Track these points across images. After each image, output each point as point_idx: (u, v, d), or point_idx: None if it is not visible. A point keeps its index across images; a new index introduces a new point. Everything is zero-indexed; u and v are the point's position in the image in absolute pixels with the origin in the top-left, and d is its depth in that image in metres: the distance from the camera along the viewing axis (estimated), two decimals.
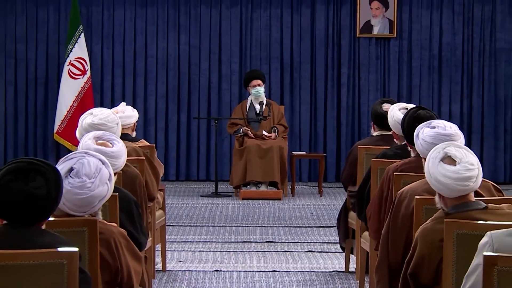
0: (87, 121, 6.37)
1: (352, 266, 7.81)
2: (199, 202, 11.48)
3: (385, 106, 7.95)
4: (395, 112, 7.10)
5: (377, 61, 12.91)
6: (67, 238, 3.99)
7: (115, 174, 5.26)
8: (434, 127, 5.56)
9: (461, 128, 5.72)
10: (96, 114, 6.46)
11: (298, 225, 10.06)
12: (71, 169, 4.39)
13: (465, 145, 4.98)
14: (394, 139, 7.21)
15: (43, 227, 3.98)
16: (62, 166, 4.35)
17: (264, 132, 11.76)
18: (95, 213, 4.51)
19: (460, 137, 5.50)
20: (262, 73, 12.08)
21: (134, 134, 8.14)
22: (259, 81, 11.81)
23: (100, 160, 4.53)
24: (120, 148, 5.47)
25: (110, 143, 5.46)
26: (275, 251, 8.79)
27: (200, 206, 11.23)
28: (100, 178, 4.45)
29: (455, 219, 4.38)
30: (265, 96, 11.91)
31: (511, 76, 12.83)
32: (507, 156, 12.78)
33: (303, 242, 9.19)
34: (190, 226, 9.96)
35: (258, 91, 11.74)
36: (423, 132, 5.59)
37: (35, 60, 12.90)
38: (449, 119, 7.65)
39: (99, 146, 5.39)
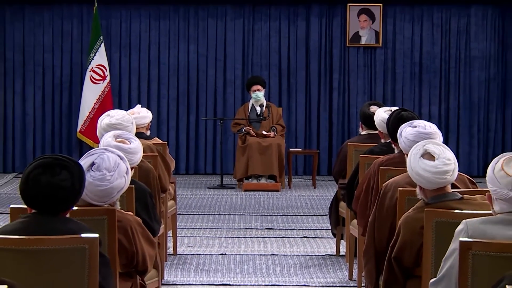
0: (105, 122, 6.37)
1: (342, 250, 7.80)
2: (206, 193, 11.48)
3: (373, 108, 7.96)
4: (381, 113, 7.10)
5: (364, 68, 12.89)
6: (88, 226, 4.00)
7: (131, 168, 5.26)
8: (415, 127, 5.55)
9: (439, 128, 5.70)
10: (113, 115, 6.46)
11: (294, 214, 10.05)
12: (92, 164, 4.38)
13: (443, 142, 4.97)
14: (380, 138, 7.22)
15: (68, 215, 3.99)
16: (84, 161, 4.35)
17: (264, 132, 11.76)
18: (113, 203, 4.52)
19: (439, 135, 5.49)
20: (262, 79, 12.06)
21: (148, 133, 8.13)
22: (259, 86, 11.80)
23: (119, 155, 4.53)
24: (136, 145, 5.47)
25: (128, 141, 5.46)
26: (274, 237, 8.78)
27: (207, 197, 11.22)
28: (119, 171, 4.45)
29: (434, 208, 4.38)
30: (265, 99, 11.90)
31: (484, 81, 12.80)
32: (480, 152, 12.76)
33: (299, 229, 9.18)
34: (198, 214, 9.95)
35: (257, 95, 11.74)
36: (406, 131, 5.58)
37: (60, 67, 12.88)
38: (429, 120, 7.62)
39: (118, 143, 5.38)
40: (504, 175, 3.73)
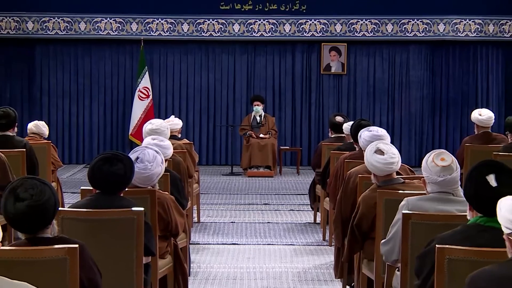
0: (149, 127, 6.38)
1: (318, 219, 7.80)
2: (220, 178, 11.47)
3: (337, 118, 8.06)
4: (346, 125, 7.16)
5: (334, 89, 12.88)
6: (136, 202, 4.00)
7: (166, 160, 5.26)
8: (370, 131, 5.55)
9: (388, 132, 5.69)
10: (154, 123, 6.49)
11: (283, 193, 10.04)
12: (137, 158, 4.39)
13: (390, 142, 4.97)
14: (345, 139, 7.23)
15: (122, 195, 3.99)
16: (132, 156, 4.35)
17: (262, 134, 11.78)
18: (154, 185, 4.52)
19: (387, 137, 5.48)
20: (261, 96, 12.07)
21: (179, 136, 8.18)
22: (259, 102, 11.82)
23: (155, 151, 4.55)
24: (168, 144, 5.55)
25: (162, 141, 5.51)
26: (269, 210, 8.78)
27: (221, 181, 11.22)
28: (156, 162, 4.47)
29: (384, 189, 4.38)
30: (263, 111, 11.92)
31: (419, 99, 12.78)
32: (416, 149, 12.73)
33: (287, 204, 9.18)
34: (215, 194, 9.95)
35: (257, 109, 11.78)
36: (364, 134, 5.57)
37: (117, 88, 12.88)
38: (380, 126, 7.63)
39: (156, 142, 5.41)
40: (434, 166, 3.74)
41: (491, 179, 2.95)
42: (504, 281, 2.22)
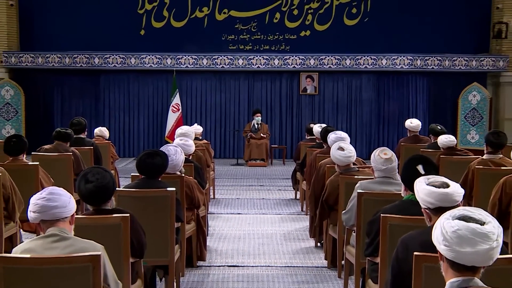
0: (179, 131, 6.35)
1: (298, 196, 7.80)
2: (229, 168, 11.44)
3: (311, 125, 8.04)
4: (317, 128, 7.12)
5: (309, 105, 12.85)
6: (170, 184, 3.98)
7: (190, 155, 5.24)
8: (336, 134, 5.55)
9: (349, 135, 5.69)
10: (183, 129, 6.45)
11: (273, 178, 10.02)
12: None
13: (350, 143, 4.96)
14: (317, 140, 7.22)
15: (160, 179, 3.97)
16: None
17: (261, 134, 11.76)
18: (180, 171, 4.49)
19: (348, 138, 5.48)
20: (259, 109, 12.06)
21: (200, 137, 8.16)
22: (258, 114, 11.78)
23: (176, 147, 4.51)
24: (190, 143, 5.53)
25: (186, 141, 5.49)
26: (263, 190, 8.75)
27: (230, 169, 11.19)
28: (177, 154, 4.44)
29: (344, 175, 4.37)
30: (260, 120, 11.89)
31: (368, 112, 12.75)
32: (366, 147, 12.69)
33: (276, 185, 9.16)
34: (225, 178, 9.92)
35: (257, 119, 11.74)
36: (330, 136, 5.57)
37: (157, 104, 12.82)
38: (342, 130, 7.66)
39: (182, 142, 5.40)
40: (379, 158, 3.72)
41: (420, 168, 2.95)
42: (423, 244, 2.22)
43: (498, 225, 1.67)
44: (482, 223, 1.65)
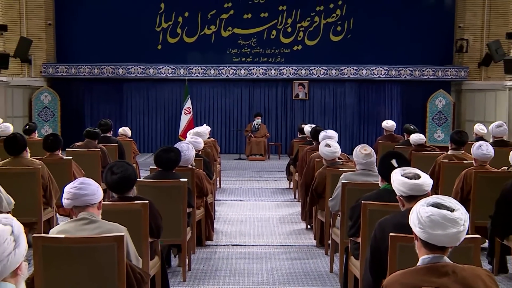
0: (193, 131, 6.38)
1: (291, 186, 7.79)
2: (233, 162, 11.41)
3: (302, 125, 8.00)
4: (307, 128, 7.09)
5: (301, 109, 12.81)
6: (182, 175, 3.96)
7: (199, 151, 5.22)
8: (326, 132, 5.53)
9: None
10: (200, 129, 6.51)
11: (270, 170, 10.00)
12: None
13: (337, 141, 4.94)
14: (307, 138, 7.21)
15: (174, 171, 3.96)
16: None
17: (260, 133, 11.74)
18: (192, 164, 4.48)
19: (336, 136, 5.48)
20: (260, 113, 12.05)
21: (208, 136, 8.11)
22: (259, 116, 11.77)
23: (188, 144, 4.50)
24: (200, 140, 5.51)
25: (196, 138, 5.47)
26: (262, 180, 8.74)
27: (234, 163, 11.16)
28: (188, 150, 4.43)
29: (330, 168, 4.36)
30: (260, 121, 11.86)
31: (351, 114, 12.71)
32: (350, 143, 12.62)
33: (272, 177, 9.14)
34: (230, 170, 9.90)
35: (258, 121, 11.71)
36: (321, 134, 5.55)
37: (171, 109, 12.78)
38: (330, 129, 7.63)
39: (193, 140, 5.38)
40: (360, 153, 3.72)
41: (394, 162, 2.94)
42: (396, 225, 2.22)
43: (465, 212, 1.67)
44: (452, 210, 1.64)
